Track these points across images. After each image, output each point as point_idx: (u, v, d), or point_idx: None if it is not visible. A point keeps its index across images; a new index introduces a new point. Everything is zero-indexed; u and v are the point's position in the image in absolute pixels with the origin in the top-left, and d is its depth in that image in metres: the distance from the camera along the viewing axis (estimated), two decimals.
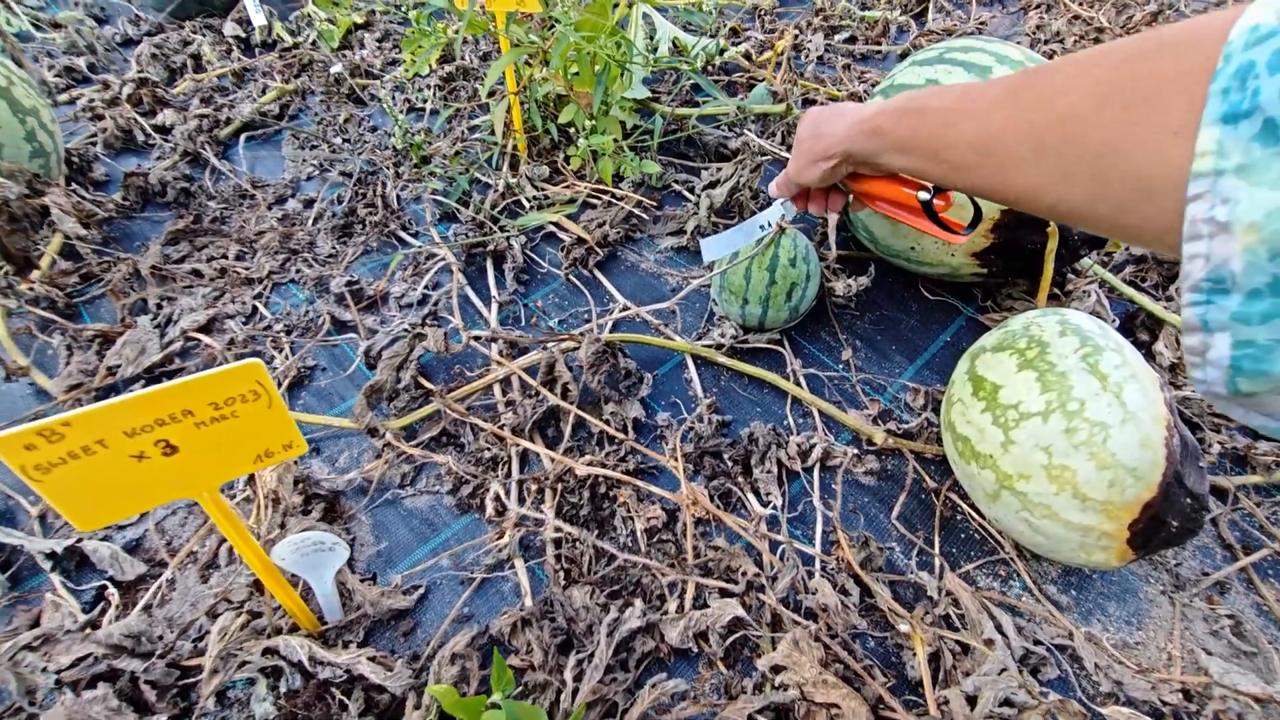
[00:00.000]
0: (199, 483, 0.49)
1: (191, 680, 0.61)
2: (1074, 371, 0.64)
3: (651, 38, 1.32)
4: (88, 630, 0.61)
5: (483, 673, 0.62)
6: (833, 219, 1.08)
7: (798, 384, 0.91)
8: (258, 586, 0.65)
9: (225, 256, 1.06)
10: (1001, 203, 0.46)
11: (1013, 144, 0.40)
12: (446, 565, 0.72)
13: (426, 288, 1.03)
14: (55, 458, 0.42)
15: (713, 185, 1.13)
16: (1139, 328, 0.99)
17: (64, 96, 1.40)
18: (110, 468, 0.45)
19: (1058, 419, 0.63)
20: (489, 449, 0.80)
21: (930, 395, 0.89)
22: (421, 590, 0.70)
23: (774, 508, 0.77)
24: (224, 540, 0.71)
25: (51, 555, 0.67)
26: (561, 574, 0.70)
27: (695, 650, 0.66)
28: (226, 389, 0.46)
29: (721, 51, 1.36)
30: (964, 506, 0.80)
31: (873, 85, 1.48)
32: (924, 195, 0.58)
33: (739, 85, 1.46)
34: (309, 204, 1.18)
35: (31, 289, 0.88)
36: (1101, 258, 1.08)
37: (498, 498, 0.76)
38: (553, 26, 1.16)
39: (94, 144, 1.25)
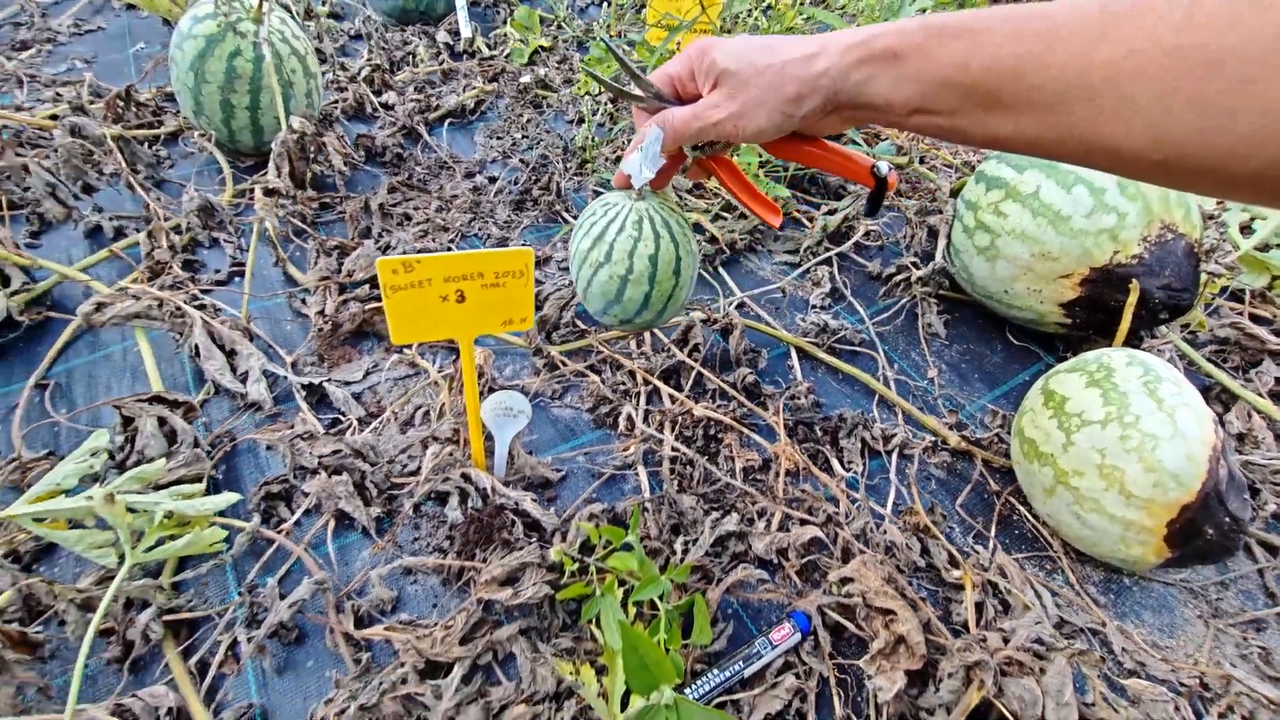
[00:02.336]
0: (469, 329, 0.69)
1: (397, 492, 0.81)
2: (1134, 392, 0.77)
3: None
4: (335, 436, 0.82)
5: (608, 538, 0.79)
6: (941, 245, 1.21)
7: (886, 385, 1.06)
8: (452, 439, 0.85)
9: (428, 208, 1.31)
10: (1072, 160, 0.39)
11: (1148, 80, 0.32)
12: (582, 461, 0.90)
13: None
14: (402, 283, 0.64)
15: (831, 212, 1.31)
16: (1213, 400, 1.08)
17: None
18: (424, 302, 0.66)
19: (1114, 427, 0.75)
20: (624, 383, 0.99)
21: (1005, 417, 1.01)
22: (563, 474, 0.88)
23: (854, 473, 0.92)
24: (420, 407, 0.92)
25: (306, 387, 0.90)
26: (675, 483, 0.87)
27: (776, 562, 0.80)
28: (506, 264, 0.67)
29: None
30: (1020, 509, 0.91)
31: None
32: (882, 168, 0.51)
33: (868, 139, 1.65)
34: (492, 180, 1.43)
35: (295, 203, 1.15)
36: (1186, 335, 1.18)
37: (629, 418, 0.93)
38: None
39: (336, 108, 1.56)
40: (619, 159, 1.46)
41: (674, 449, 0.90)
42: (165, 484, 0.74)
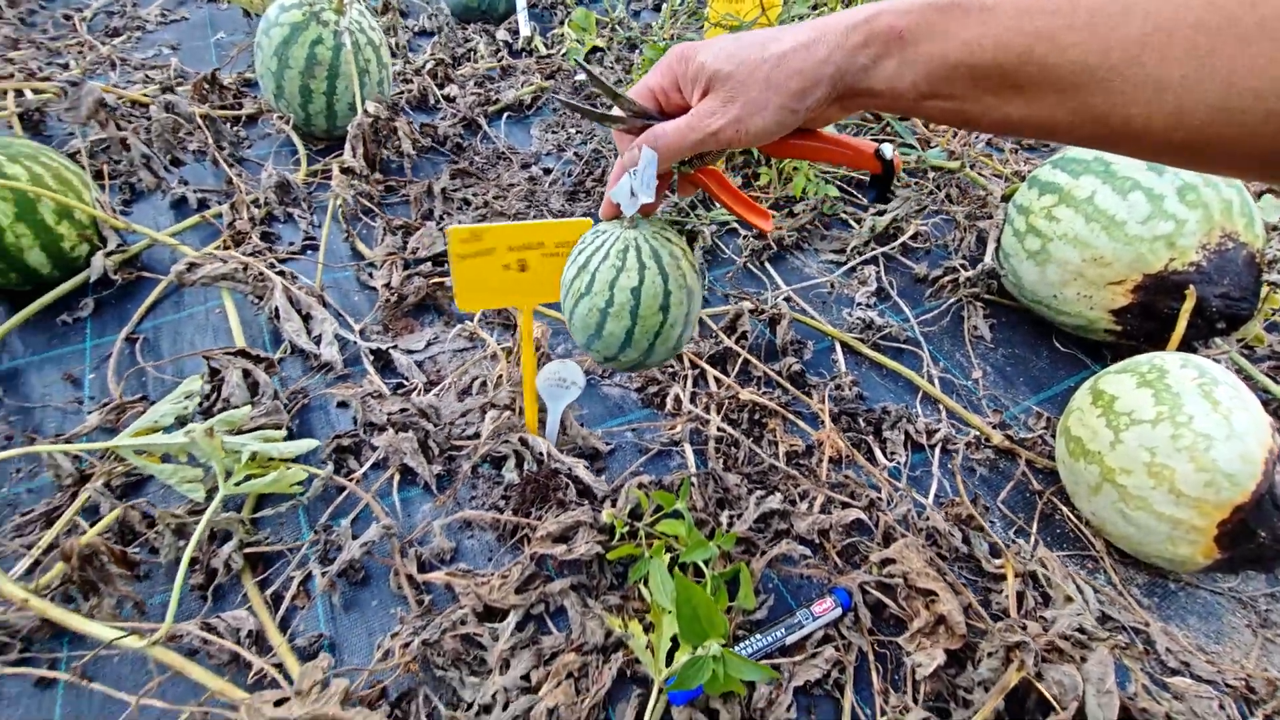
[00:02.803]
0: (530, 298, 0.73)
1: (456, 454, 0.86)
2: (1188, 394, 0.77)
3: None
4: (402, 397, 0.87)
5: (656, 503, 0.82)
6: (990, 249, 1.22)
7: (931, 383, 1.07)
8: (509, 406, 0.89)
9: (486, 194, 1.37)
10: (1085, 142, 0.38)
11: (1173, 58, 0.31)
12: (630, 437, 0.94)
13: None
14: (469, 252, 0.68)
15: (880, 213, 1.32)
16: (1273, 415, 1.07)
17: None
18: (488, 271, 0.70)
19: (1166, 426, 0.76)
20: (672, 365, 1.02)
21: (1050, 420, 1.01)
22: (612, 447, 0.91)
23: (897, 464, 0.93)
24: (477, 377, 0.96)
25: (373, 352, 0.95)
26: (720, 461, 0.89)
27: (817, 543, 0.82)
28: (566, 234, 0.70)
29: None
30: (1063, 509, 0.92)
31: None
32: (886, 151, 0.50)
33: (920, 142, 1.66)
34: (547, 171, 1.49)
35: (366, 183, 1.21)
36: (1242, 350, 1.16)
37: (676, 399, 0.96)
38: None
39: (401, 99, 1.63)
40: None
41: (720, 429, 0.92)
42: (248, 430, 0.79)
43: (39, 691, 0.65)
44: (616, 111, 0.52)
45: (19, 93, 1.36)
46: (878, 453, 0.94)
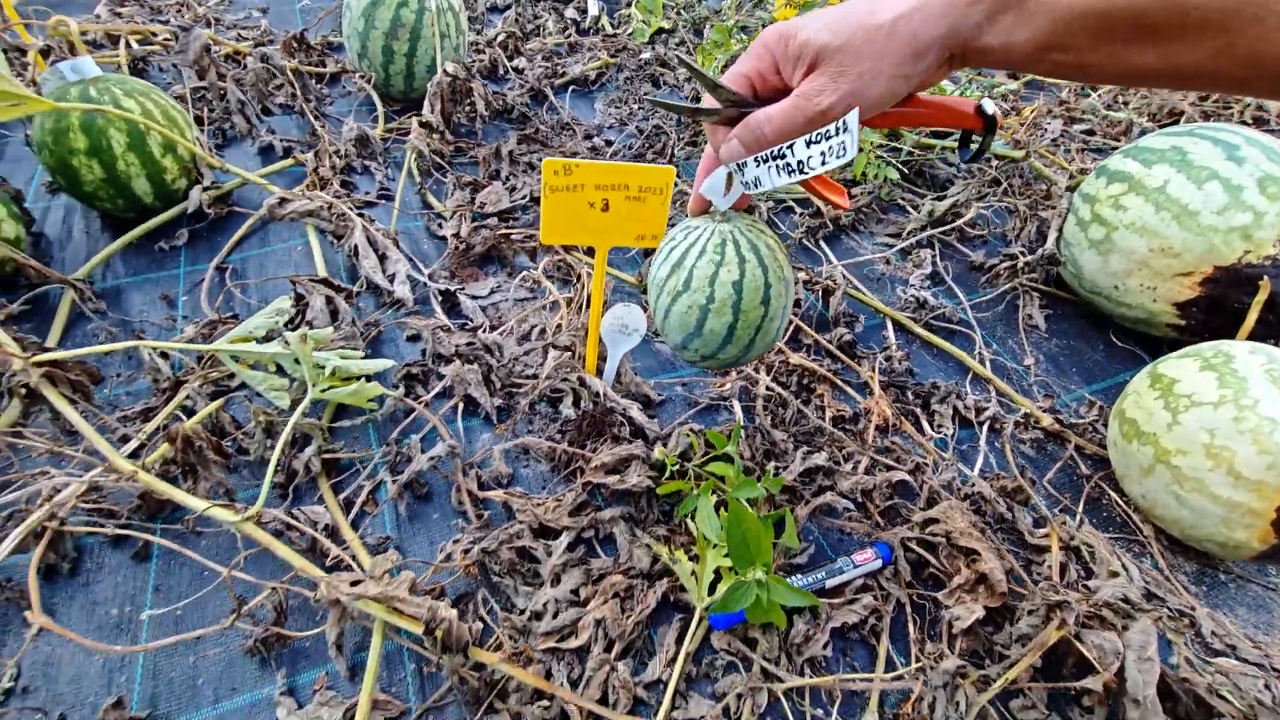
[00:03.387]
0: (608, 238, 0.77)
1: (515, 390, 0.90)
2: (1255, 378, 0.76)
3: None
4: (469, 332, 0.91)
5: (705, 446, 0.85)
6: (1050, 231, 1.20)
7: (981, 364, 1.07)
8: (568, 349, 0.93)
9: None
10: (1221, 87, 0.37)
11: None
12: (680, 390, 0.97)
13: None
14: (560, 185, 0.72)
15: (940, 198, 1.32)
16: None
17: None
18: (574, 207, 0.74)
19: (1229, 409, 0.75)
20: None
21: (1102, 409, 1.00)
22: (663, 398, 0.94)
23: (944, 435, 0.94)
24: (536, 325, 1.01)
25: (441, 293, 1.00)
26: (768, 419, 0.91)
27: (860, 502, 0.84)
28: (650, 179, 0.74)
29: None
30: (1111, 494, 0.91)
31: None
32: (987, 106, 0.48)
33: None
34: (609, 143, 1.52)
35: (441, 139, 1.27)
36: None
37: None
38: None
39: (473, 67, 1.69)
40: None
41: (768, 388, 0.95)
42: (328, 351, 0.85)
43: (135, 564, 0.71)
44: (709, 102, 0.50)
45: (128, 44, 1.46)
46: (925, 424, 0.95)
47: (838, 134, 0.44)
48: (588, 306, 0.98)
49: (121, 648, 0.59)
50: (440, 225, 1.18)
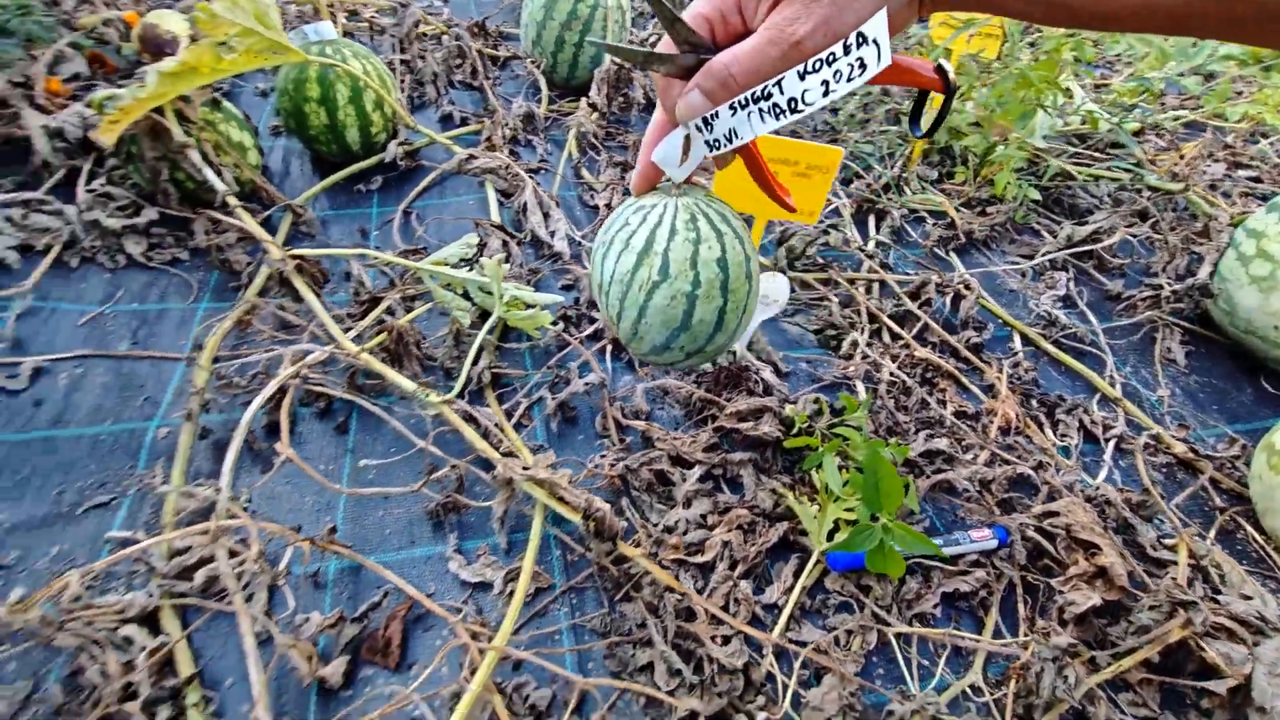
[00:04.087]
0: (768, 210, 0.84)
1: None
2: None
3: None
4: None
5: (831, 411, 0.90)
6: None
7: (1111, 385, 1.06)
8: None
9: None
10: (1197, 29, 0.35)
11: None
12: (805, 367, 1.02)
13: (827, 230, 1.37)
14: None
15: (1081, 223, 1.31)
16: None
17: None
18: (744, 176, 0.81)
19: None
20: (853, 317, 1.09)
21: (1244, 447, 0.97)
22: (789, 370, 1.00)
23: (1068, 445, 0.94)
24: None
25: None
26: (891, 402, 0.95)
27: (977, 492, 0.86)
28: (818, 158, 0.80)
29: (1138, 133, 1.52)
30: (1247, 528, 0.88)
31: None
32: (947, 66, 0.44)
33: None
34: None
35: (602, 119, 1.39)
36: None
37: (854, 343, 1.04)
38: (987, 70, 1.44)
39: None
40: (869, 140, 1.57)
41: (893, 374, 0.98)
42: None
43: (336, 435, 0.85)
44: (664, 47, 0.43)
45: (347, 16, 1.69)
46: (1048, 431, 0.96)
47: (847, 53, 0.38)
48: None
49: (336, 487, 0.71)
50: (592, 196, 1.30)
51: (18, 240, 1.00)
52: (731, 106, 0.41)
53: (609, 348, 0.96)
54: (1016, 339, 1.13)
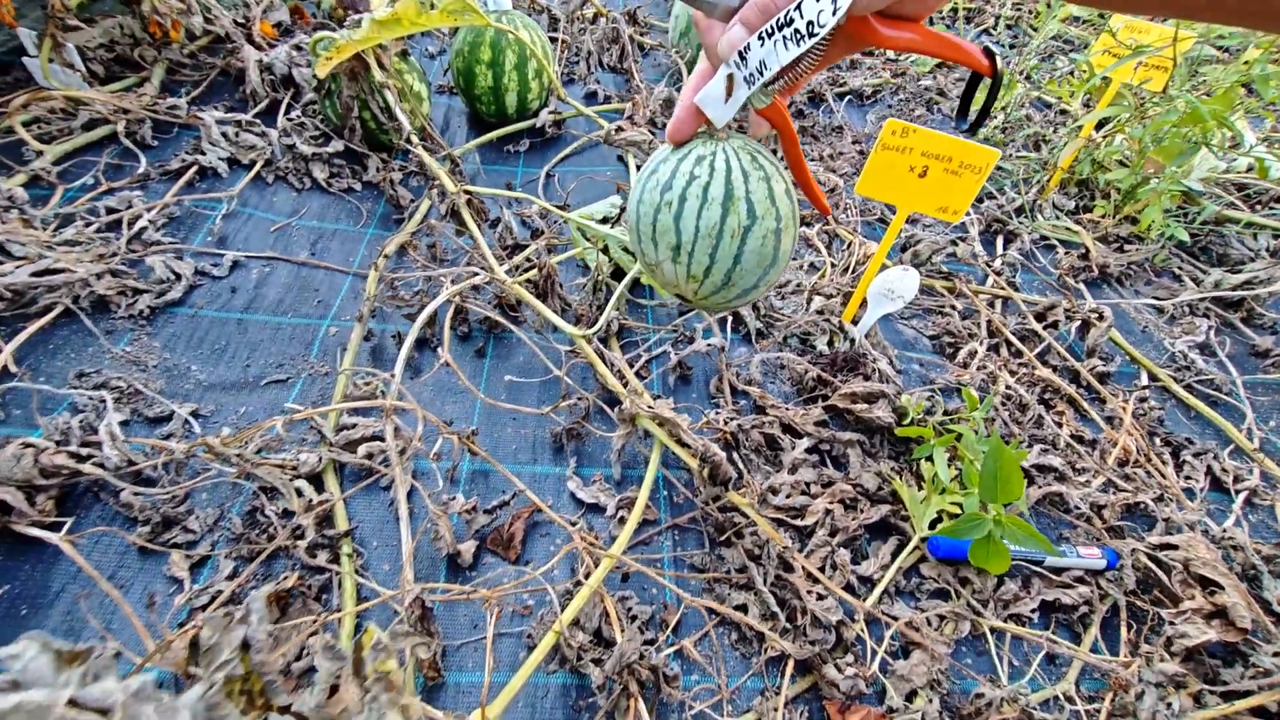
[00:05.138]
0: (912, 203, 0.86)
1: (773, 321, 1.02)
2: None
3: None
4: None
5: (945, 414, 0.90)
6: None
7: (1249, 438, 1.00)
8: (833, 296, 1.03)
9: (821, 154, 1.53)
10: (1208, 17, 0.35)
11: None
12: (918, 369, 1.03)
13: (955, 240, 1.36)
14: (894, 144, 0.82)
15: (1234, 271, 1.24)
16: None
17: None
18: (897, 166, 0.84)
19: None
20: (972, 327, 1.08)
21: None
22: (900, 369, 1.01)
23: (1193, 488, 0.90)
24: (793, 280, 1.12)
25: None
26: (1005, 414, 0.94)
27: (1089, 516, 0.84)
28: (973, 157, 0.81)
29: None
30: None
31: None
32: (995, 49, 0.44)
33: None
34: None
35: None
36: None
37: (971, 353, 1.03)
38: (1143, 104, 1.38)
39: None
40: (1007, 167, 1.53)
41: (1009, 388, 0.97)
42: None
43: (475, 359, 0.93)
44: None
45: None
46: (1170, 471, 0.92)
47: None
48: (853, 269, 1.08)
49: (480, 395, 0.79)
50: None
51: (228, 154, 1.15)
52: (760, 37, 0.42)
53: (730, 319, 1.00)
54: (1144, 376, 1.09)
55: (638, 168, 1.30)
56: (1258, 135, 1.63)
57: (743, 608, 0.68)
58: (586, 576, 0.66)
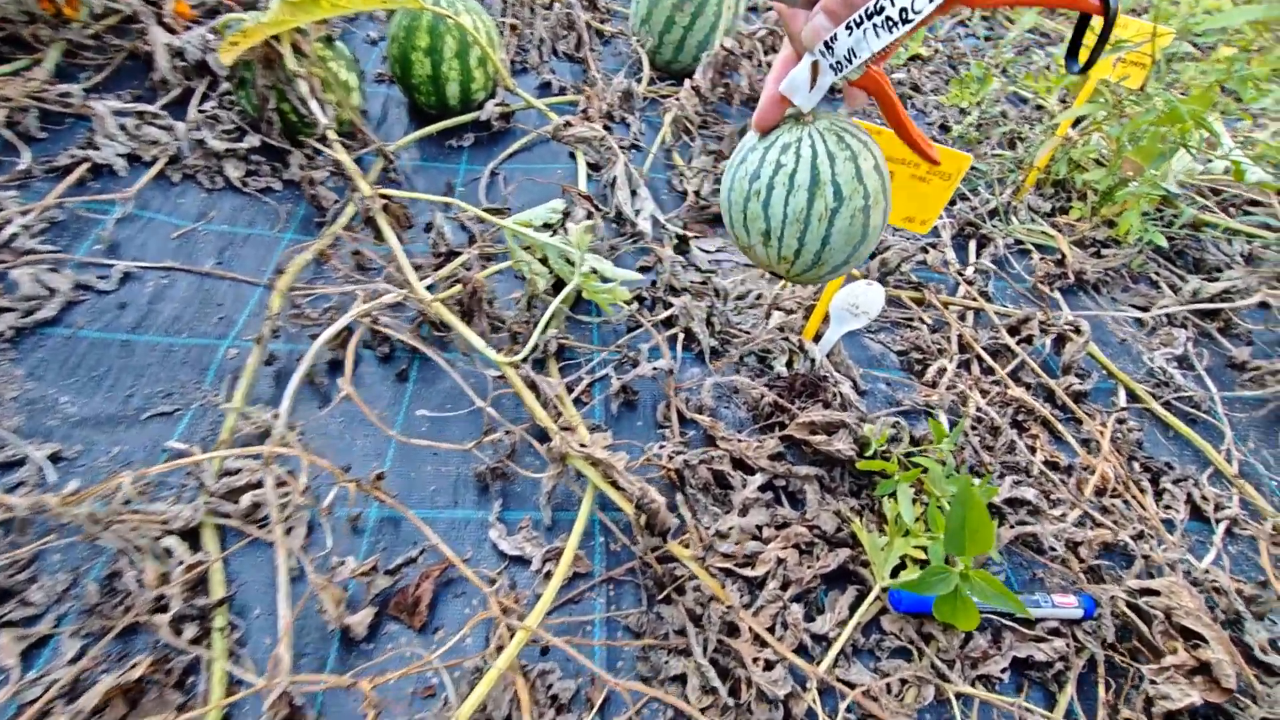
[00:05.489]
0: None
1: (730, 338, 0.94)
2: None
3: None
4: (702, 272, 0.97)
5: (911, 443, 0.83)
6: None
7: (1228, 461, 0.94)
8: (792, 312, 0.95)
9: None
10: None
11: None
12: (884, 388, 0.95)
13: (925, 248, 1.28)
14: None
15: (1211, 279, 1.18)
16: None
17: None
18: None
19: None
20: (941, 343, 1.01)
21: None
22: (866, 389, 0.94)
23: (1172, 519, 0.84)
24: (754, 290, 1.04)
25: (676, 236, 1.07)
26: (976, 440, 0.88)
27: (1062, 554, 0.78)
28: (942, 162, 0.74)
29: None
30: None
31: None
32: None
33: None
34: None
35: (703, 104, 1.35)
36: None
37: (940, 370, 0.96)
38: (1119, 103, 1.32)
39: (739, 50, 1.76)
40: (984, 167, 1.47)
41: (980, 410, 0.91)
42: None
43: (396, 383, 0.84)
44: None
45: None
46: (1150, 501, 0.86)
47: None
48: None
49: (390, 431, 0.69)
50: (682, 181, 1.25)
51: (128, 149, 1.03)
52: (848, 26, 0.42)
53: (681, 337, 0.92)
54: (1122, 394, 1.03)
55: (590, 166, 1.20)
56: (1232, 136, 1.59)
57: (681, 679, 0.60)
58: (501, 649, 0.57)
